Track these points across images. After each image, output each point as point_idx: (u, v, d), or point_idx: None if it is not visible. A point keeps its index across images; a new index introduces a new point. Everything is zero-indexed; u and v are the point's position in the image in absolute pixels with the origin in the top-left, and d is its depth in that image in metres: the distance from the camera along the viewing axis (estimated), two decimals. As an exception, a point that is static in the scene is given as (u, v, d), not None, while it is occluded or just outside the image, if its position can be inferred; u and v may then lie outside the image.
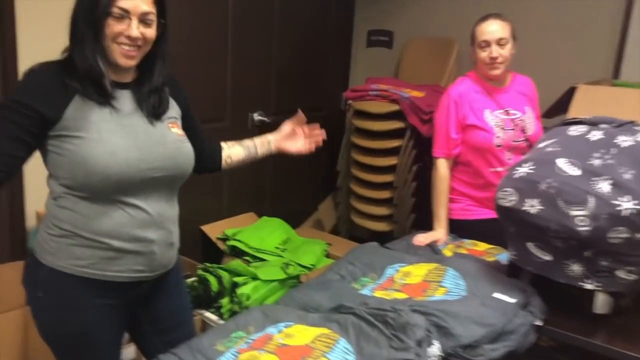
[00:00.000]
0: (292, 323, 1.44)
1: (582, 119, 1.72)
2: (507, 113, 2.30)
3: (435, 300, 1.58)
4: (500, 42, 2.23)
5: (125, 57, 1.35)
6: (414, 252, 2.06)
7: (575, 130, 1.66)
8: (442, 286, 1.67)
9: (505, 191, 1.60)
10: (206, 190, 3.02)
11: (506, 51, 2.25)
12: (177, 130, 1.51)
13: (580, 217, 1.46)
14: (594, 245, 1.48)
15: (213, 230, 2.99)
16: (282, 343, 1.33)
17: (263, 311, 1.51)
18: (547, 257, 1.57)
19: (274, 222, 3.11)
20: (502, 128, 2.27)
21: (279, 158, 3.47)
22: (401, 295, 1.63)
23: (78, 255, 1.39)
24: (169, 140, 1.47)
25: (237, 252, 2.82)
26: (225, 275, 2.36)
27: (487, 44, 2.24)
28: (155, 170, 1.41)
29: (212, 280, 2.33)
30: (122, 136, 1.37)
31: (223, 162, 1.78)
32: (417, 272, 1.76)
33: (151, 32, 1.38)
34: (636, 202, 1.44)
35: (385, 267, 1.82)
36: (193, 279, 2.35)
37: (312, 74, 3.53)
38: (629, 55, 2.91)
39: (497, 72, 2.27)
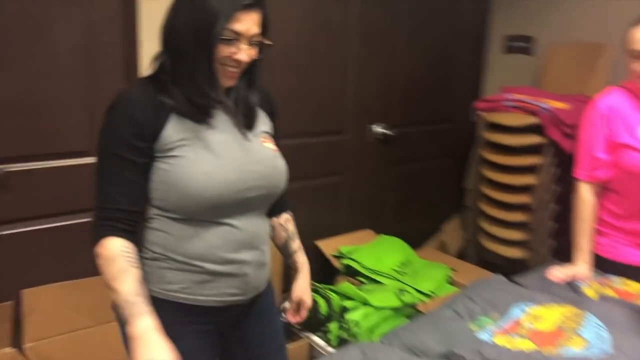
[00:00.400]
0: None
1: None
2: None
3: (572, 355, 1.30)
4: None
5: (229, 78, 1.30)
6: (547, 288, 1.77)
7: None
8: (579, 336, 1.39)
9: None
10: (323, 203, 2.92)
11: None
12: (271, 145, 1.42)
13: None
14: None
15: (328, 246, 2.87)
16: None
17: (362, 351, 1.34)
18: None
19: (393, 241, 2.92)
20: None
21: (402, 171, 3.31)
22: (528, 345, 1.37)
23: (170, 279, 1.32)
24: (264, 156, 1.37)
25: (351, 272, 2.67)
26: (334, 298, 2.22)
27: (638, 55, 1.85)
28: (251, 190, 1.33)
29: (321, 302, 2.19)
30: (219, 154, 1.29)
31: (272, 220, 1.55)
32: (549, 315, 1.49)
33: (256, 53, 1.30)
34: None
35: (509, 305, 1.57)
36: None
37: (440, 83, 3.29)
38: None
39: None
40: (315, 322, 2.20)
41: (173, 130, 1.26)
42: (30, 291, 1.99)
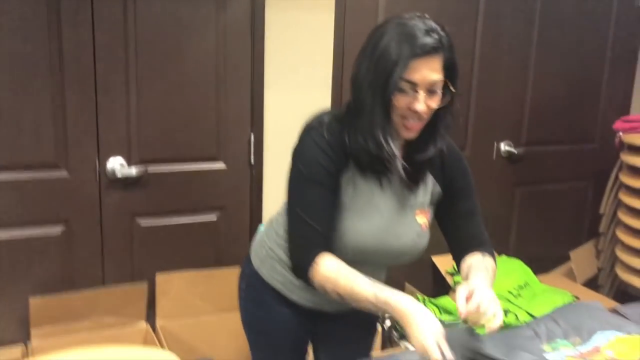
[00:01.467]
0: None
1: None
2: None
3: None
4: None
5: (407, 130, 1.24)
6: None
7: None
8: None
9: None
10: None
11: None
12: (422, 220, 1.39)
13: None
14: None
15: (444, 262, 2.88)
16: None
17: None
18: None
19: (513, 263, 2.84)
20: None
21: (530, 191, 3.17)
22: (598, 371, 1.32)
23: (277, 271, 1.48)
24: (409, 232, 1.37)
25: (464, 290, 2.65)
26: (434, 311, 2.24)
27: None
28: (383, 256, 1.39)
29: (420, 313, 2.23)
30: (369, 217, 1.32)
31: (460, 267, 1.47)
32: (634, 345, 1.40)
33: (436, 102, 1.22)
34: None
35: (595, 332, 1.50)
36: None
37: (578, 100, 3.12)
38: None
39: None
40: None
41: (348, 174, 1.29)
42: (163, 276, 2.31)
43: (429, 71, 1.18)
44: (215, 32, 2.25)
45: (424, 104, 1.19)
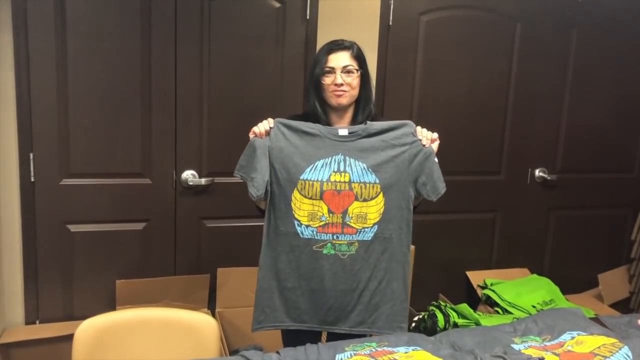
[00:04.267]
0: (419, 348, 1.61)
1: None
2: None
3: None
4: None
5: (337, 97, 1.88)
6: (627, 330, 1.87)
7: None
8: (608, 362, 1.55)
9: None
10: (476, 237, 3.19)
11: None
12: None
13: None
14: None
15: (477, 277, 3.14)
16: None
17: (411, 338, 1.72)
18: None
19: (541, 281, 3.05)
20: None
21: (565, 215, 3.34)
22: (552, 358, 1.59)
23: None
24: None
25: (490, 302, 2.91)
26: (453, 315, 2.53)
27: None
28: None
29: (440, 316, 2.52)
30: None
31: None
32: (591, 343, 1.66)
33: (353, 79, 1.88)
34: None
35: (564, 331, 1.76)
36: (424, 312, 2.60)
37: (617, 130, 3.30)
38: None
39: None
40: (433, 333, 2.53)
41: None
42: (223, 270, 2.74)
43: (341, 59, 1.87)
44: (274, 67, 2.69)
45: (340, 78, 1.85)
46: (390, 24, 2.82)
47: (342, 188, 1.83)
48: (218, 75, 2.63)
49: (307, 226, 1.84)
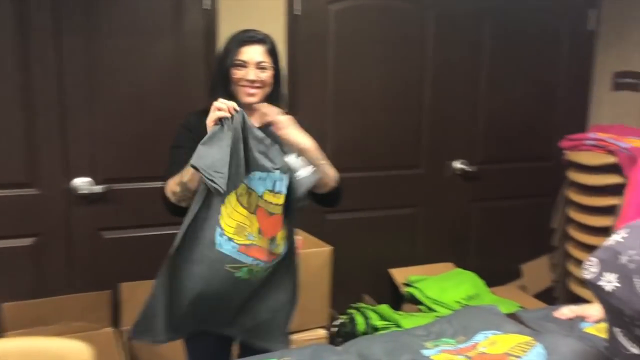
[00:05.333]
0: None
1: None
2: None
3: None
4: None
5: (248, 95, 1.72)
6: (544, 324, 1.78)
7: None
8: (521, 362, 1.45)
9: (590, 261, 1.32)
10: (398, 233, 3.09)
11: None
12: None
13: (656, 303, 1.12)
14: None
15: (401, 274, 3.04)
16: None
17: (316, 350, 1.57)
18: (635, 350, 1.23)
19: (465, 275, 2.99)
20: None
21: (487, 207, 3.30)
22: (464, 363, 1.47)
23: None
24: None
25: (414, 300, 2.81)
26: (373, 317, 2.41)
27: None
28: None
29: (359, 320, 2.40)
30: None
31: None
32: (505, 342, 1.55)
33: (266, 75, 1.73)
34: None
35: (478, 331, 1.65)
36: (345, 316, 2.46)
37: (533, 120, 3.27)
38: None
39: None
40: (352, 337, 2.40)
41: None
42: (127, 285, 2.52)
43: (254, 54, 1.71)
44: (172, 61, 2.48)
45: (254, 75, 1.69)
46: (298, 14, 2.67)
47: (274, 211, 1.65)
48: (109, 70, 2.41)
49: (229, 239, 1.59)
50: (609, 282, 1.24)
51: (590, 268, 1.31)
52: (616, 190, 2.66)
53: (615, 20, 3.27)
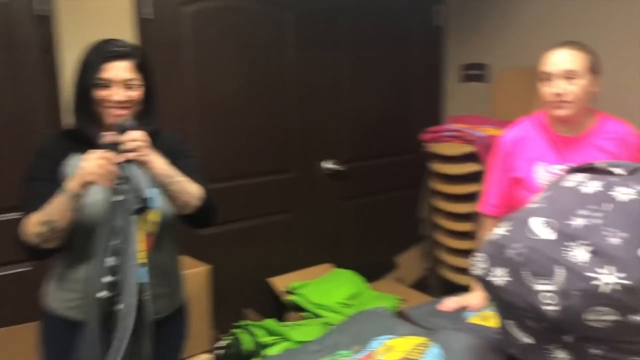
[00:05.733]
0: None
1: (596, 165, 1.37)
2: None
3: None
4: (568, 75, 1.82)
5: (114, 116, 1.50)
6: (432, 319, 1.80)
7: (571, 180, 1.33)
8: (420, 366, 1.43)
9: (478, 257, 1.33)
10: (276, 241, 3.01)
11: (577, 88, 1.81)
12: None
13: (545, 294, 1.15)
14: (571, 330, 1.15)
15: (282, 282, 2.96)
16: None
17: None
18: (528, 340, 1.26)
19: (345, 274, 2.98)
20: None
21: (359, 204, 3.35)
22: (365, 375, 1.43)
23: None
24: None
25: (298, 307, 2.74)
26: (259, 334, 2.30)
27: (549, 77, 1.85)
28: None
29: (246, 338, 2.28)
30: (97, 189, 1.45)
31: None
32: (402, 346, 1.53)
33: (135, 93, 1.52)
34: (622, 274, 1.09)
35: (371, 338, 1.62)
36: (229, 337, 2.33)
37: (397, 116, 3.36)
38: None
39: (562, 112, 1.84)
40: (240, 358, 2.28)
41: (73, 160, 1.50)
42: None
43: (119, 70, 1.49)
44: (2, 76, 2.18)
45: (120, 95, 1.49)
46: (149, 17, 2.47)
47: (151, 230, 1.47)
48: None
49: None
50: (499, 276, 1.25)
51: (478, 264, 1.31)
52: (476, 177, 2.78)
53: (459, 16, 3.46)
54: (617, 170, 1.30)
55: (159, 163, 1.48)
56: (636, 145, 1.91)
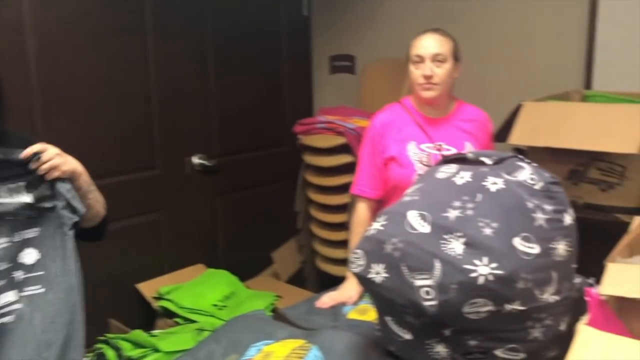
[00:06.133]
0: None
1: (464, 154, 1.38)
2: (438, 148, 1.97)
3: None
4: (436, 59, 1.93)
5: None
6: (311, 318, 1.75)
7: (444, 172, 1.32)
8: (301, 370, 1.36)
9: (356, 253, 1.29)
10: (143, 243, 2.80)
11: (443, 71, 1.94)
12: None
13: (425, 288, 1.13)
14: (450, 323, 1.14)
15: (151, 287, 2.76)
16: None
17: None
18: (407, 336, 1.24)
19: (219, 275, 2.85)
20: (426, 165, 1.94)
21: (233, 200, 3.23)
22: (242, 388, 1.33)
23: None
24: None
25: (169, 314, 2.57)
26: (126, 347, 2.11)
27: (421, 59, 1.94)
28: None
29: (110, 354, 2.08)
30: None
31: None
32: (280, 351, 1.46)
33: None
34: (495, 264, 1.10)
35: (249, 345, 1.53)
36: (90, 353, 2.12)
37: (267, 106, 3.26)
38: (600, 62, 2.52)
39: (431, 94, 1.95)
40: (105, 375, 2.08)
41: None
42: None
43: None
44: None
45: None
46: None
47: None
48: None
49: None
50: (378, 273, 1.21)
51: (357, 261, 1.27)
52: (348, 169, 2.78)
53: (324, 5, 3.44)
54: (487, 160, 1.32)
55: (81, 170, 1.37)
56: (490, 130, 2.11)
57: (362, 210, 2.05)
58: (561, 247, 1.16)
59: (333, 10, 3.40)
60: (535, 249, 1.13)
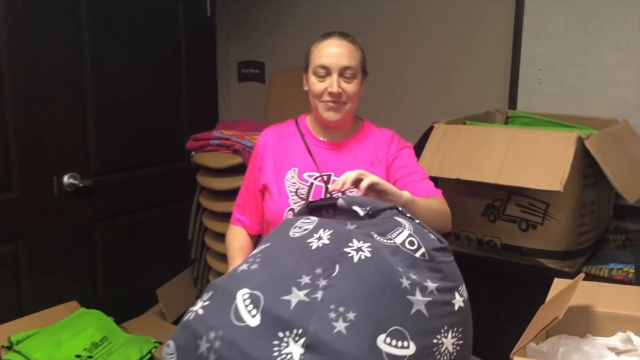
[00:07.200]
0: None
1: (339, 203, 1.03)
2: (325, 180, 1.60)
3: None
4: (345, 73, 1.55)
5: None
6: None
7: (300, 227, 0.96)
8: None
9: (169, 347, 0.91)
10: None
11: (353, 87, 1.56)
12: None
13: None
14: None
15: (4, 333, 2.29)
16: None
17: None
18: None
19: (89, 316, 2.40)
20: (303, 198, 1.57)
21: (117, 225, 2.77)
22: None
23: None
24: None
25: (19, 367, 2.12)
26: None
27: (327, 71, 1.55)
28: None
29: None
30: None
31: None
32: None
33: None
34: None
35: None
36: None
37: (160, 117, 2.83)
38: (524, 82, 2.25)
39: (337, 116, 1.57)
40: None
41: None
42: None
43: None
44: None
45: None
46: None
47: None
48: None
49: None
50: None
51: (168, 358, 0.89)
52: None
53: (231, 7, 3.06)
54: (360, 211, 0.97)
55: None
56: (402, 146, 1.67)
57: (237, 239, 1.71)
58: (448, 342, 0.82)
59: (240, 12, 3.03)
60: (409, 349, 0.78)
